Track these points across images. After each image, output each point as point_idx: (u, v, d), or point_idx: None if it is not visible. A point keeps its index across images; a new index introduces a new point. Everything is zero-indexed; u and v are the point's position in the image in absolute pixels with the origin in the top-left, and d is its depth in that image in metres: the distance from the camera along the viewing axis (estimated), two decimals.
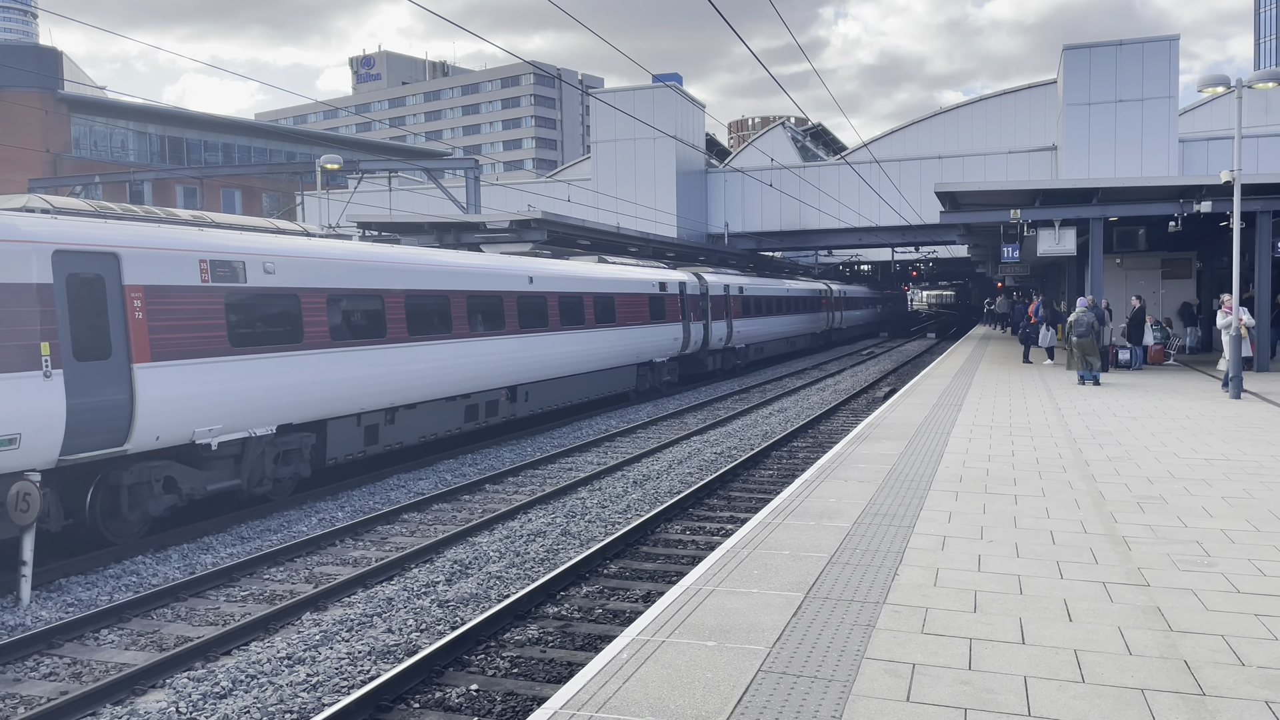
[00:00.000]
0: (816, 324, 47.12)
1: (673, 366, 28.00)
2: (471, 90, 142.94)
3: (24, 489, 9.32)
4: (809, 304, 45.31)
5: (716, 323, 30.93)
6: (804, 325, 44.33)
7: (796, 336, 43.06)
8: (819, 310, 47.50)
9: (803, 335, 44.58)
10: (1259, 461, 11.18)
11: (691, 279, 29.26)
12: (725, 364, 33.34)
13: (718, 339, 31.38)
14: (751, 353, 36.15)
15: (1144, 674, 5.11)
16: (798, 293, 43.23)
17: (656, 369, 26.78)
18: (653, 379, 26.55)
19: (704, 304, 29.77)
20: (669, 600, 6.46)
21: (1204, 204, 21.10)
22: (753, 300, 35.28)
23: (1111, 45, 39.80)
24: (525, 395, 19.54)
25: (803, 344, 45.08)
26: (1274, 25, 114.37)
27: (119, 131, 55.29)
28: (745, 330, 34.19)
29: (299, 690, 7.12)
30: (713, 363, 31.81)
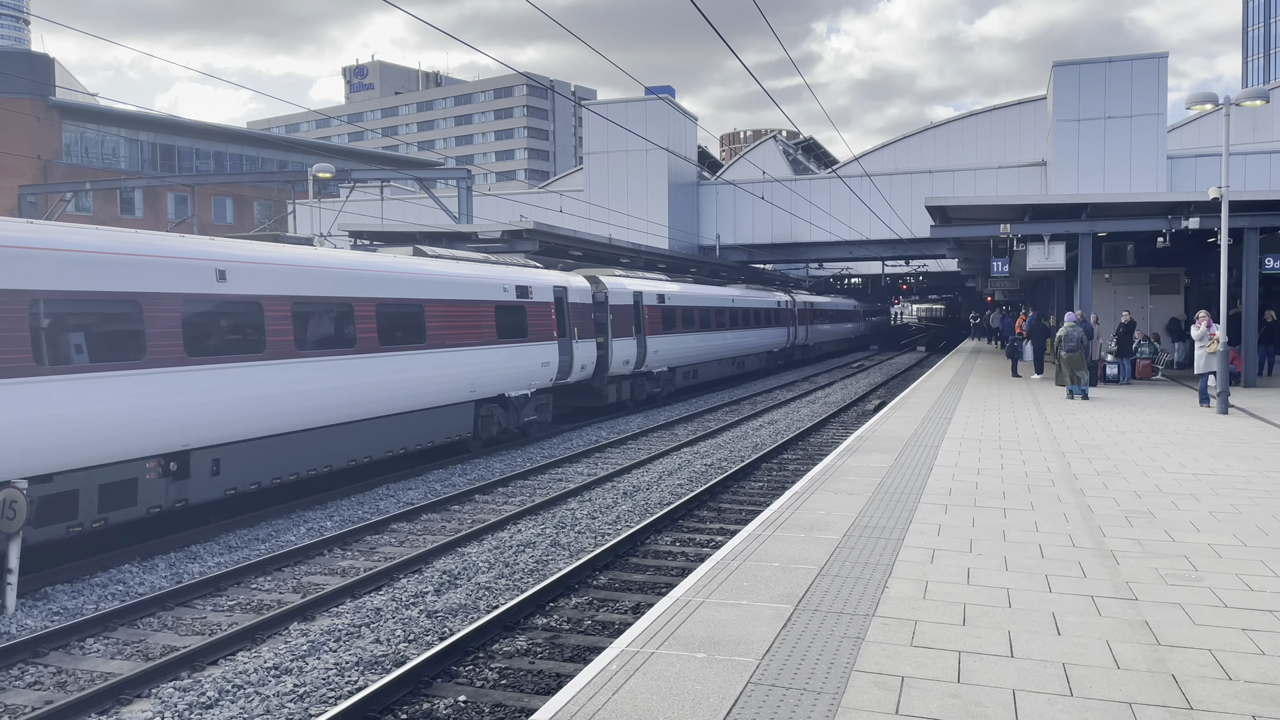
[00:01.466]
0: (773, 340, 40.30)
1: (544, 402, 20.80)
2: (464, 101, 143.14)
3: (10, 497, 9.26)
4: (763, 317, 38.80)
5: (621, 340, 24.42)
6: (756, 342, 37.84)
7: (745, 356, 36.66)
8: (777, 324, 40.80)
9: (754, 354, 37.98)
10: (1246, 476, 11.23)
11: (577, 283, 22.54)
12: (637, 393, 26.39)
13: (622, 361, 24.53)
14: (679, 378, 29.39)
15: (1132, 688, 5.12)
16: (748, 303, 36.77)
17: (513, 406, 19.24)
18: (507, 420, 19.01)
19: (600, 316, 23.64)
20: (658, 612, 6.45)
21: (1192, 220, 21.27)
22: (678, 312, 28.70)
23: (1101, 62, 40.13)
24: (212, 466, 11.96)
25: (755, 365, 38.56)
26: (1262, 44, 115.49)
27: (110, 138, 55.19)
28: (667, 349, 27.65)
29: (286, 701, 7.07)
30: (616, 393, 24.85)
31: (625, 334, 24.66)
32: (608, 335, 23.64)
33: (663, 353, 27.26)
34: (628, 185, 47.18)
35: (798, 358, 46.52)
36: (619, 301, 24.42)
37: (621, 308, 24.60)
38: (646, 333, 25.87)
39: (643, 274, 28.69)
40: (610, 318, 23.72)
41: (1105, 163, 39.78)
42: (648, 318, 25.99)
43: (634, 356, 25.21)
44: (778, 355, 42.04)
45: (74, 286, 10.17)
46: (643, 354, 25.76)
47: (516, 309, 19.17)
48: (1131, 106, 39.67)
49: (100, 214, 50.56)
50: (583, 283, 22.97)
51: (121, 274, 10.78)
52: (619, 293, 24.55)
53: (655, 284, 27.53)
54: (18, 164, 48.78)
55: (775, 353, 41.43)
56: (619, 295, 24.50)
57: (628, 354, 24.83)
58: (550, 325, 20.51)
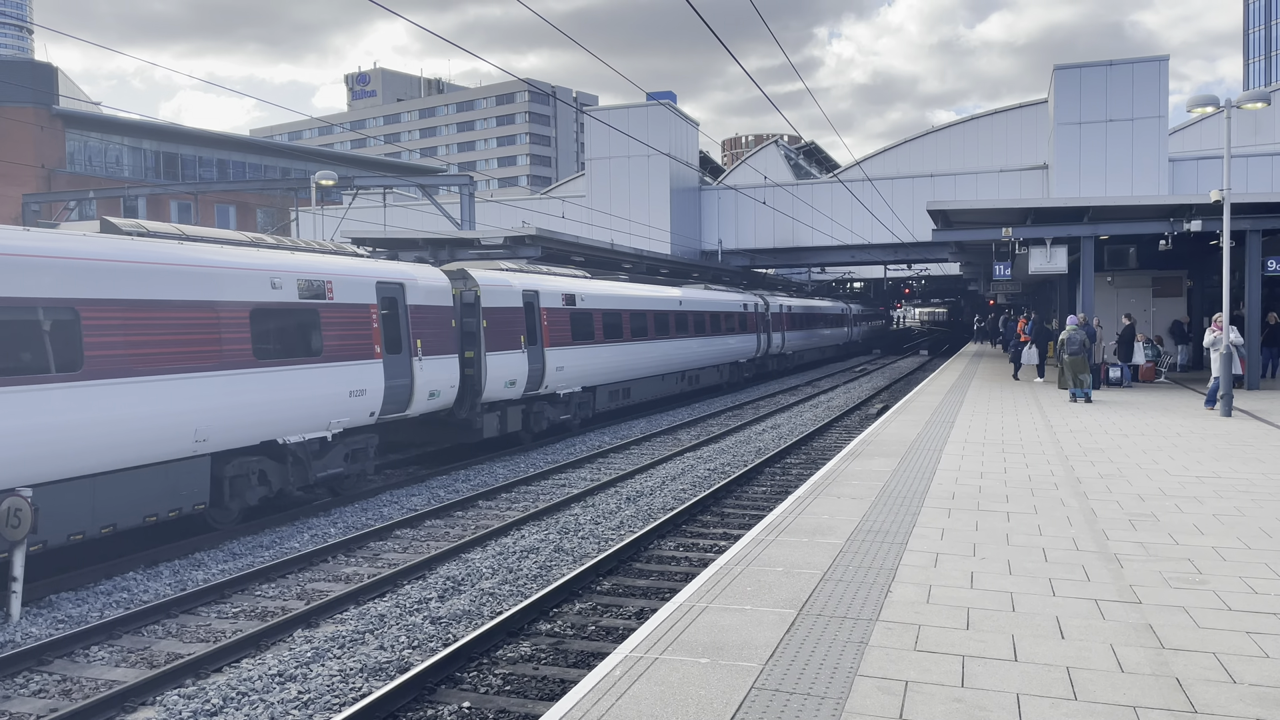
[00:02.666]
0: (738, 349, 34.46)
1: (362, 446, 14.90)
2: (466, 107, 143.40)
3: (16, 504, 9.28)
4: (723, 322, 32.48)
5: (502, 355, 18.40)
6: (715, 352, 31.61)
7: (700, 369, 30.57)
8: (743, 330, 34.92)
9: (712, 367, 31.89)
10: (1250, 479, 11.22)
11: (426, 277, 16.59)
12: (534, 423, 20.42)
13: (503, 383, 18.52)
14: (602, 399, 23.55)
15: (1136, 692, 5.12)
16: (702, 305, 30.61)
17: (296, 457, 13.49)
18: (286, 478, 13.43)
19: (469, 323, 18.07)
20: (662, 617, 6.46)
21: (1194, 223, 21.26)
22: (597, 316, 22.80)
23: (1102, 65, 40.14)
24: None
25: (714, 379, 32.49)
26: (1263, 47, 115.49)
27: (113, 147, 55.35)
28: (580, 365, 21.73)
29: (290, 708, 7.08)
30: (499, 424, 18.82)
31: (509, 346, 18.75)
32: (479, 349, 17.93)
33: (573, 369, 21.40)
34: (629, 191, 47.24)
35: (772, 369, 40.63)
36: (498, 303, 18.63)
37: (502, 312, 18.73)
38: (547, 344, 20.11)
39: (547, 268, 23.28)
40: (484, 325, 18.03)
41: (1107, 166, 39.77)
42: (548, 324, 20.32)
43: (523, 375, 19.25)
44: (746, 367, 36.50)
45: None
46: (539, 371, 19.84)
47: (297, 313, 13.44)
48: (1133, 109, 39.67)
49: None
50: (436, 278, 17.04)
51: None
52: (498, 291, 18.71)
53: (562, 281, 22.12)
54: (21, 172, 48.93)
55: (743, 364, 36.00)
56: (498, 295, 18.64)
57: (511, 372, 18.75)
58: (367, 337, 14.53)
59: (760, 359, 38.24)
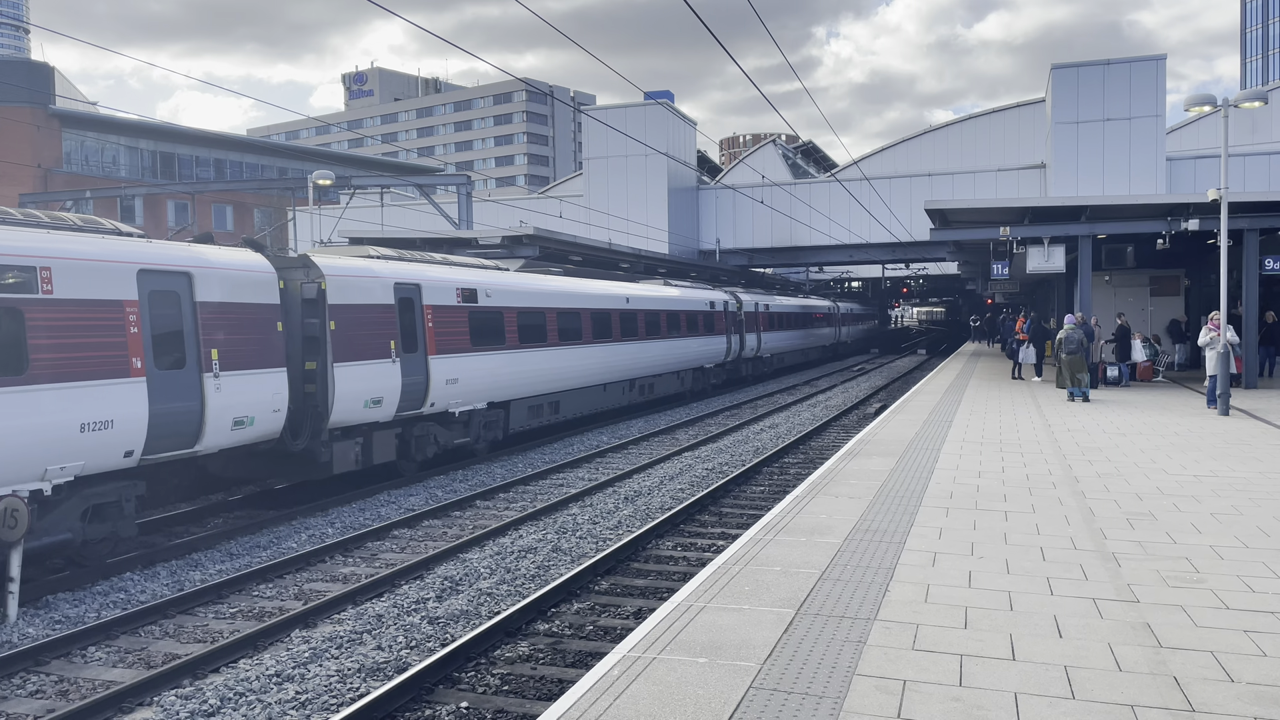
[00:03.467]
0: (704, 353, 30.95)
1: (112, 499, 10.92)
2: (464, 107, 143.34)
3: (12, 506, 9.26)
4: (683, 322, 28.92)
5: (358, 367, 14.41)
6: (674, 357, 28.17)
7: (653, 376, 27.02)
8: (710, 332, 31.44)
9: (671, 374, 28.41)
10: (1248, 478, 11.23)
11: (227, 263, 12.61)
12: (419, 449, 16.35)
13: (362, 402, 14.52)
14: (521, 416, 19.56)
15: (1134, 691, 5.12)
16: (658, 304, 27.13)
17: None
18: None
19: (311, 326, 14.15)
20: (660, 617, 6.45)
21: (1191, 222, 21.28)
22: (509, 316, 18.80)
23: (1099, 65, 40.18)
24: None
25: (673, 388, 28.78)
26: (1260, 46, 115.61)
27: (110, 147, 55.29)
28: (483, 375, 17.65)
29: (288, 708, 7.07)
30: (361, 454, 14.78)
31: (371, 354, 14.62)
32: (324, 358, 13.90)
33: (473, 381, 17.34)
34: (627, 190, 47.24)
35: (747, 375, 37.14)
36: (354, 299, 14.45)
37: (360, 310, 14.53)
38: (434, 350, 16.17)
39: (442, 256, 18.61)
40: (331, 328, 13.94)
41: (1104, 165, 39.81)
42: (436, 326, 16.32)
43: (394, 391, 15.10)
44: (714, 373, 33.12)
45: None
46: (420, 385, 15.81)
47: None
48: (1130, 109, 39.71)
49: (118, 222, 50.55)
50: (247, 265, 12.89)
51: None
52: (353, 284, 14.50)
53: (458, 273, 17.63)
54: (18, 172, 48.88)
55: (710, 369, 32.50)
56: (353, 288, 14.47)
57: (375, 387, 14.65)
58: (118, 346, 10.72)
59: (732, 363, 34.98)
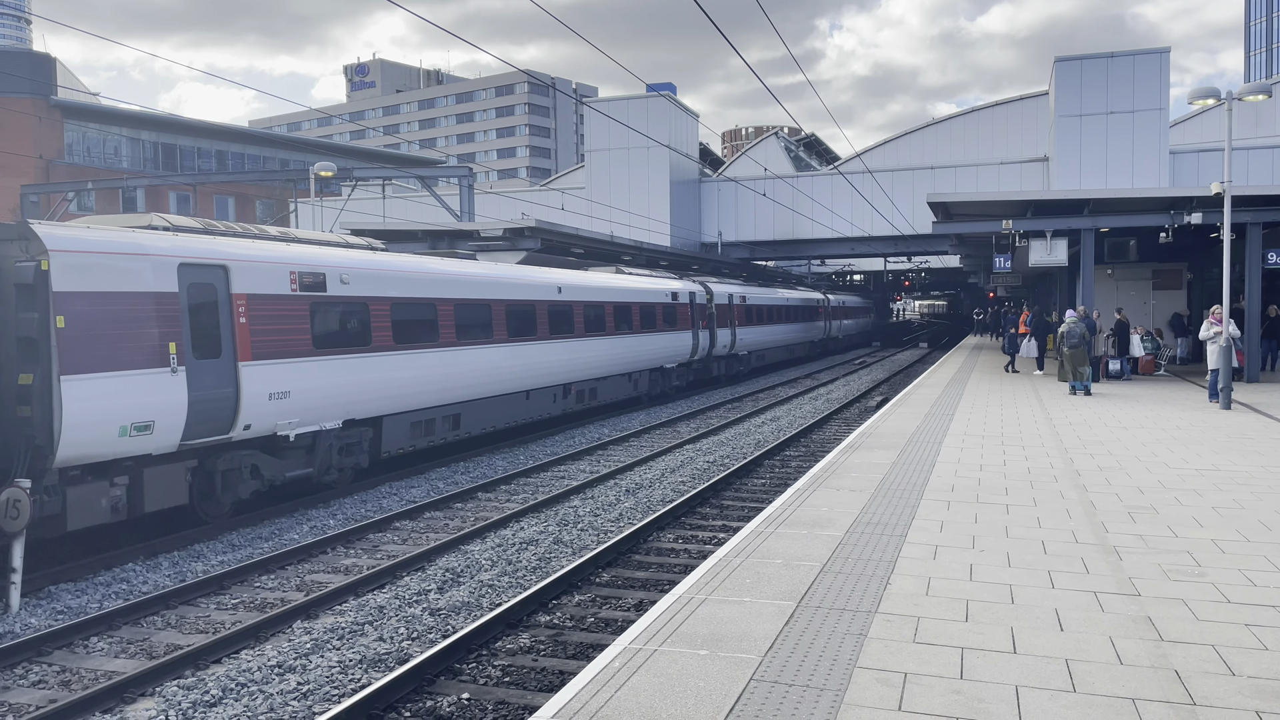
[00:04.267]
0: (655, 353, 25.95)
1: None
2: (466, 99, 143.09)
3: (14, 496, 9.27)
4: (623, 317, 23.82)
5: (92, 381, 10.05)
6: (608, 358, 22.96)
7: (591, 381, 22.43)
8: (660, 328, 26.12)
9: (612, 377, 23.60)
10: (1249, 472, 11.22)
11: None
12: (146, 503, 10.92)
13: (105, 430, 10.15)
14: (398, 434, 15.45)
15: (1135, 684, 5.12)
16: (587, 294, 22.05)
17: None
18: None
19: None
20: (661, 609, 6.46)
21: (1194, 215, 21.24)
22: (334, 311, 13.82)
23: (1102, 57, 40.04)
24: None
25: (617, 391, 23.98)
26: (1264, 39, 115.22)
27: (112, 138, 55.23)
28: (321, 387, 13.40)
29: (289, 699, 7.09)
30: (98, 505, 10.39)
31: (133, 362, 10.55)
32: (48, 368, 9.81)
33: (317, 393, 13.27)
34: (629, 182, 47.15)
35: (719, 374, 32.90)
36: (100, 285, 10.32)
37: (109, 300, 10.38)
38: (247, 356, 12.07)
39: (280, 230, 14.05)
40: (58, 325, 9.85)
41: (1107, 158, 39.70)
42: (251, 322, 12.19)
43: (176, 411, 11.02)
44: (677, 373, 28.51)
45: None
46: (226, 402, 11.68)
47: None
48: (1133, 102, 39.58)
49: (102, 213, 50.61)
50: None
51: None
52: (103, 266, 10.39)
53: (295, 253, 13.37)
54: (20, 163, 48.83)
55: (672, 370, 27.83)
56: (101, 271, 10.36)
57: (139, 408, 10.56)
58: None
59: (700, 362, 30.68)
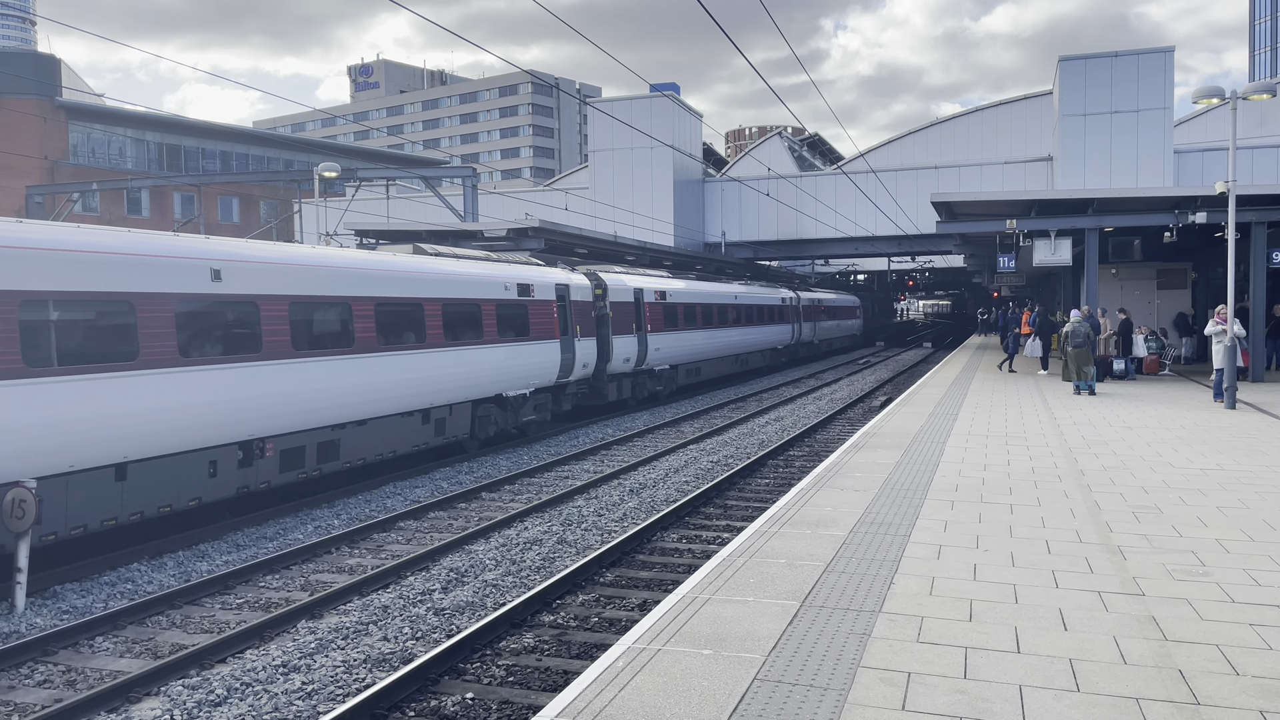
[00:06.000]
0: (485, 376, 17.80)
1: None
2: (469, 99, 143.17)
3: (20, 496, 9.30)
4: (468, 319, 17.34)
5: None
6: (370, 386, 14.56)
7: (351, 425, 14.38)
8: (493, 338, 18.07)
9: (382, 419, 15.06)
10: (1254, 472, 11.20)
11: None
12: None
13: None
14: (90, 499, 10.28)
15: (1139, 683, 5.11)
16: (432, 285, 16.26)
17: None
18: None
19: None
20: (665, 609, 6.46)
21: (1199, 215, 21.19)
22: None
23: (1107, 57, 39.97)
24: None
25: (401, 440, 15.60)
26: (1269, 38, 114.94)
27: (117, 139, 55.33)
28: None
29: (294, 698, 7.10)
30: None
31: None
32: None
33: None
34: (633, 182, 47.15)
35: (615, 399, 23.68)
36: None
37: None
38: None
39: None
40: None
41: (1111, 158, 39.63)
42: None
43: None
44: (536, 403, 20.02)
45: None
46: None
47: None
48: (1138, 101, 39.51)
49: (107, 214, 50.72)
50: None
51: None
52: None
53: None
54: (25, 164, 48.94)
55: (522, 399, 19.32)
56: None
57: None
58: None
59: (584, 384, 22.10)
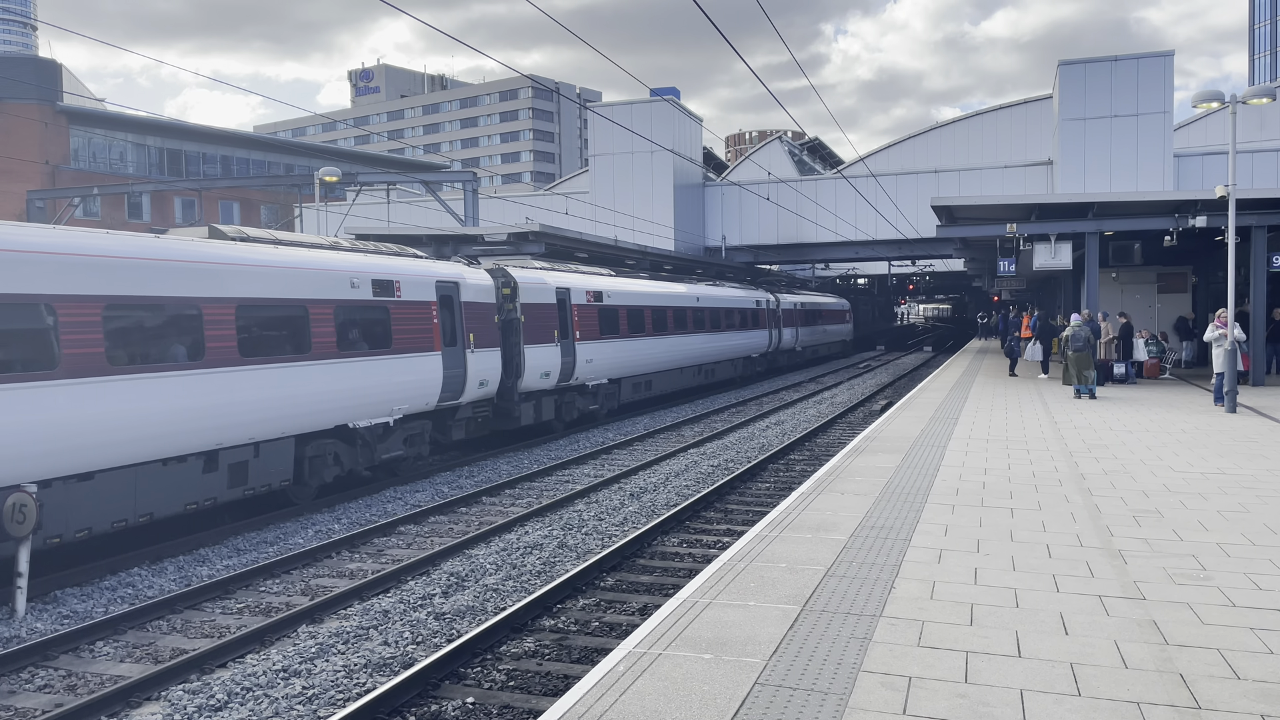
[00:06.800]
0: (388, 387, 14.78)
1: None
2: (470, 104, 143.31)
3: (20, 500, 9.30)
4: (283, 324, 12.96)
5: None
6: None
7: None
8: (313, 352, 13.36)
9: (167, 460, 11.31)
10: (1255, 475, 11.20)
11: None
12: None
13: None
14: None
15: (1140, 687, 5.11)
16: (252, 289, 12.42)
17: None
18: None
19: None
20: (666, 613, 6.46)
21: (1199, 219, 21.19)
22: None
23: (1107, 61, 40.02)
24: None
25: (243, 481, 12.32)
26: (1268, 42, 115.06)
27: (117, 143, 55.39)
28: None
29: (294, 703, 7.10)
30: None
31: None
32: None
33: None
34: (633, 187, 47.19)
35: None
36: None
37: None
38: None
39: None
40: None
41: (1111, 162, 39.66)
42: None
43: None
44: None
45: None
46: None
47: None
48: (1138, 105, 39.55)
49: (108, 219, 50.75)
50: None
51: None
52: None
53: None
54: (26, 169, 48.98)
55: (448, 414, 16.91)
56: None
57: None
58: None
59: (526, 398, 19.05)
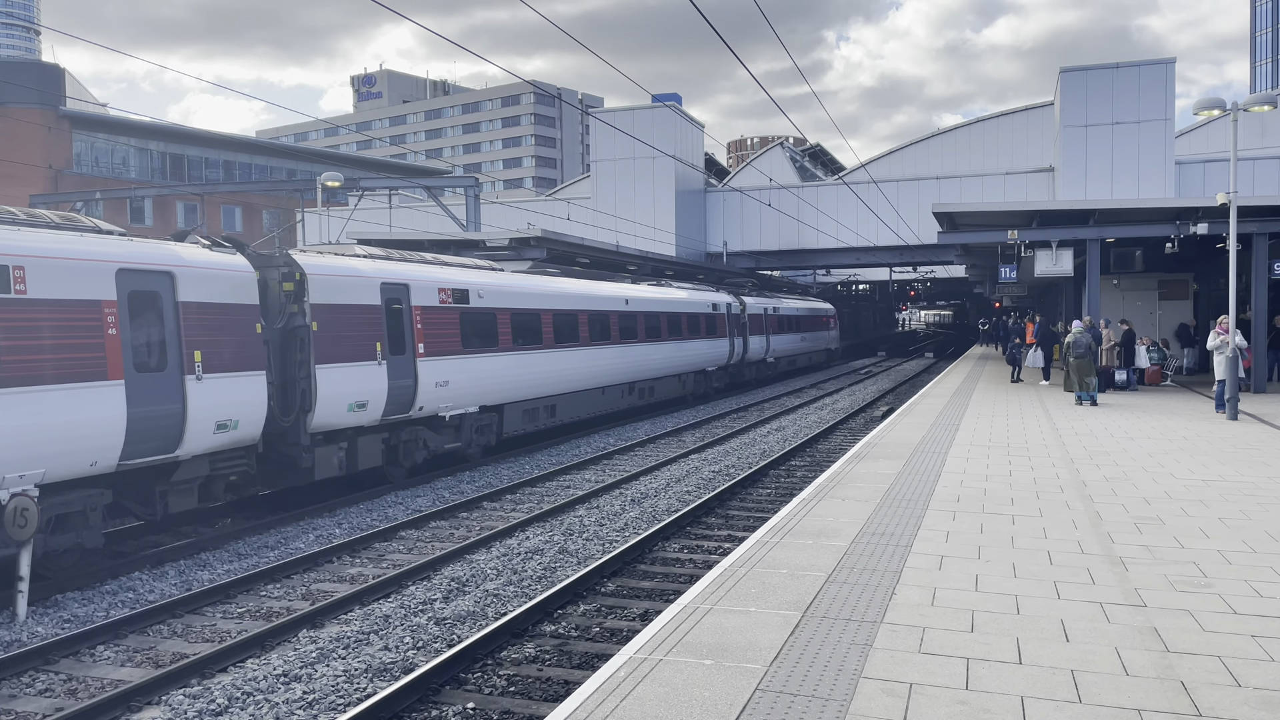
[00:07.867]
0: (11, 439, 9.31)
1: None
2: (472, 109, 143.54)
3: (22, 504, 9.31)
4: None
5: None
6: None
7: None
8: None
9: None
10: (1256, 483, 11.19)
11: None
12: None
13: None
14: None
15: (1141, 695, 5.11)
16: None
17: None
18: None
19: None
20: (666, 619, 6.46)
21: (1200, 226, 21.21)
22: None
23: (1108, 68, 40.09)
24: None
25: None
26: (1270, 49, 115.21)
27: (120, 148, 55.51)
28: None
29: (295, 708, 7.10)
30: None
31: None
32: None
33: None
34: (635, 192, 47.26)
35: (376, 467, 15.37)
36: None
37: None
38: None
39: None
40: None
41: (1113, 168, 39.71)
42: None
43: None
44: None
45: None
46: None
47: None
48: (1139, 112, 39.60)
49: (110, 223, 50.82)
50: None
51: None
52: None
53: None
54: (29, 173, 49.09)
55: (150, 476, 11.43)
56: None
57: None
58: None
59: (323, 441, 14.24)
